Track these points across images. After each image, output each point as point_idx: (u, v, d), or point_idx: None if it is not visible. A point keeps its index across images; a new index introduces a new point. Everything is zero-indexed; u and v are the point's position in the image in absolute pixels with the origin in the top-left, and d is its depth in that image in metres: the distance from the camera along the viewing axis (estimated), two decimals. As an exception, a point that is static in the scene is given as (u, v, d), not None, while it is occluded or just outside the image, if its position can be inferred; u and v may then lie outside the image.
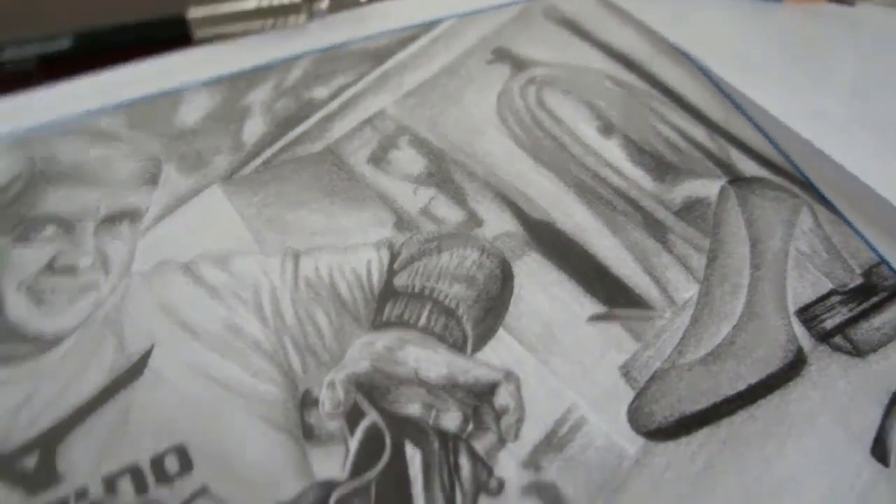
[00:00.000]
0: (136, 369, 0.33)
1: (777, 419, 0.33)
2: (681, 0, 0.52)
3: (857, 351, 0.36)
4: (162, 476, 0.31)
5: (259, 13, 0.47)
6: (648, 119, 0.45)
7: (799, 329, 0.36)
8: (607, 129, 0.44)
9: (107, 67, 0.45)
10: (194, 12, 0.46)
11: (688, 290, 0.37)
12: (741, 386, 0.34)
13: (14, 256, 0.37)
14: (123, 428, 0.32)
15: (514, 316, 0.36)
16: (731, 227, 0.40)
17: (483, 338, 0.35)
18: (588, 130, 0.44)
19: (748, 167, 0.43)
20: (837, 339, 0.36)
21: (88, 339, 0.34)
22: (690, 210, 0.41)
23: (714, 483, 0.32)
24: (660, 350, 0.35)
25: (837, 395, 0.34)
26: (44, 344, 0.34)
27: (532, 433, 0.32)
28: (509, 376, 0.34)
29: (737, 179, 0.42)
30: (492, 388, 0.33)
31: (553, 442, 0.32)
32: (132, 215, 0.39)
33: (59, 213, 0.38)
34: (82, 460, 0.31)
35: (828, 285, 0.38)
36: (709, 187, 0.42)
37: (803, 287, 0.38)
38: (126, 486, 0.30)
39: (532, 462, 0.32)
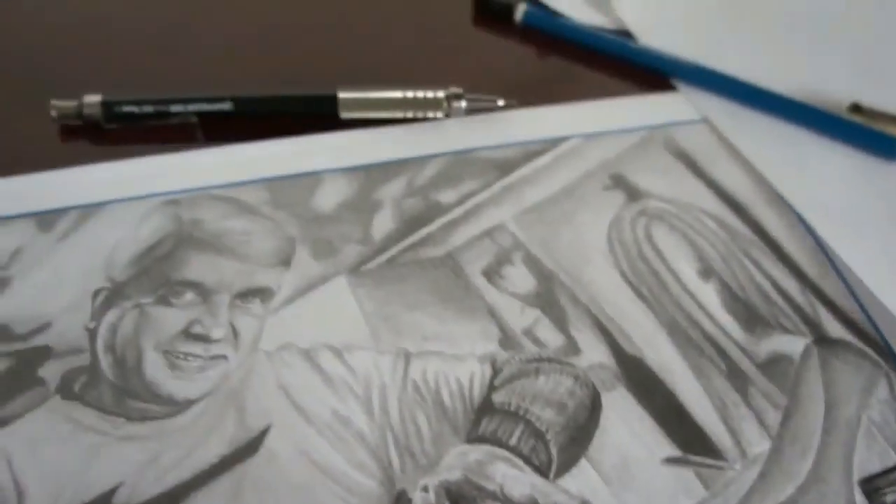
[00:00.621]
0: (253, 445, 0.36)
1: (825, 590, 0.35)
2: (796, 145, 0.54)
3: (914, 532, 0.37)
4: (263, 553, 0.34)
5: (403, 103, 0.50)
6: (746, 266, 0.47)
7: (860, 498, 0.38)
8: (706, 272, 0.46)
9: (260, 134, 0.49)
10: (344, 93, 0.50)
11: (760, 445, 0.39)
12: (796, 549, 0.37)
13: (154, 315, 0.40)
14: (235, 500, 0.35)
15: (596, 447, 0.38)
16: (810, 387, 0.42)
17: (566, 464, 0.37)
18: (688, 271, 0.46)
19: (834, 328, 0.45)
20: (896, 517, 0.38)
21: (214, 409, 0.37)
22: (774, 365, 0.43)
23: None
24: (725, 501, 0.37)
25: (887, 574, 0.36)
26: (174, 407, 0.37)
27: (596, 567, 0.35)
28: (584, 506, 0.36)
29: (821, 339, 0.44)
30: (567, 516, 0.36)
31: (614, 578, 0.35)
32: (264, 293, 0.41)
33: (199, 280, 0.41)
34: (197, 525, 0.34)
35: (895, 458, 0.40)
36: (794, 344, 0.44)
37: (870, 457, 0.40)
38: (232, 557, 0.33)
39: None
